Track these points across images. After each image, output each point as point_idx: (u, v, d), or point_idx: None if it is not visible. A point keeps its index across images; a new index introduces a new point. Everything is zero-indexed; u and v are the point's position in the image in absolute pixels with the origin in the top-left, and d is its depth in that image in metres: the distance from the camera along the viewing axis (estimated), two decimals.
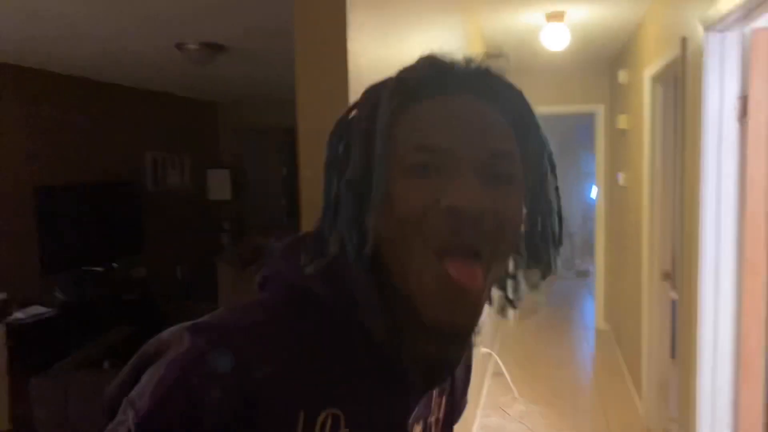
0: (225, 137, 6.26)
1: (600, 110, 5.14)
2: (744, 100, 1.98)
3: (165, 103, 5.42)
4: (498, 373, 3.97)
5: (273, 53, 3.34)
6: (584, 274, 7.63)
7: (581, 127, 7.06)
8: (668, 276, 3.07)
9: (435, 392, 0.61)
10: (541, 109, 5.45)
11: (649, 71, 3.17)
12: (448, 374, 0.60)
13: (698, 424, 2.14)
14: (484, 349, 3.68)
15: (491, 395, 3.76)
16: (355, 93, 1.15)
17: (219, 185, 5.96)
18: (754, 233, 1.93)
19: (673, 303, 2.93)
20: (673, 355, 3.02)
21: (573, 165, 8.61)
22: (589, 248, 6.49)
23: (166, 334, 0.55)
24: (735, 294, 2.06)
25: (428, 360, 0.53)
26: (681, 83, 2.45)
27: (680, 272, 2.50)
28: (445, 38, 2.52)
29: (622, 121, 4.15)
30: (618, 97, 4.57)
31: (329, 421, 0.50)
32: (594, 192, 5.74)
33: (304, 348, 0.51)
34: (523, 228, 0.55)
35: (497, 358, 3.96)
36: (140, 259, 4.72)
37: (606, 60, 4.82)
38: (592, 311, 5.67)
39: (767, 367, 1.53)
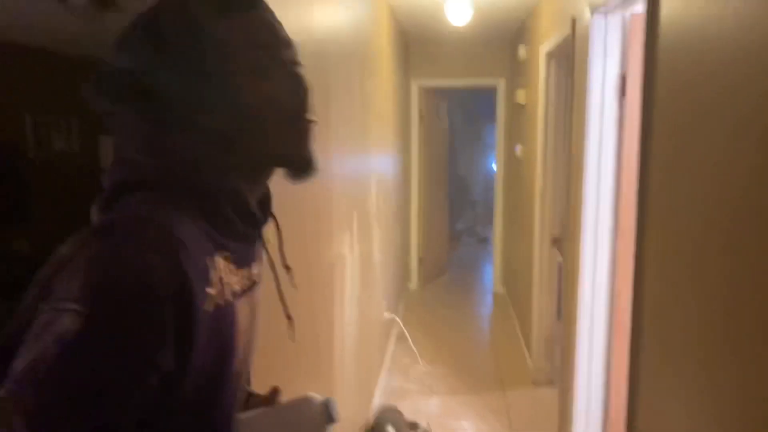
0: None
1: (501, 84, 5.35)
2: (623, 79, 2.15)
3: (47, 62, 4.95)
4: (401, 338, 4.12)
5: None
6: (485, 241, 8.03)
7: (485, 100, 7.31)
8: (556, 242, 3.32)
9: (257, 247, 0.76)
10: (447, 81, 5.60)
11: (544, 48, 3.34)
12: (269, 209, 0.77)
13: (577, 373, 2.36)
14: (387, 314, 3.79)
15: (395, 359, 3.91)
16: None
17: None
18: (627, 202, 2.13)
19: (560, 267, 3.18)
20: (559, 316, 3.29)
21: (477, 136, 8.94)
22: (490, 216, 6.82)
23: (64, 249, 0.59)
24: (610, 257, 2.27)
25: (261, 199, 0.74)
26: (571, 61, 2.61)
27: (566, 238, 2.71)
28: (352, 9, 2.50)
29: (520, 96, 4.35)
30: (517, 72, 4.77)
31: (225, 260, 0.65)
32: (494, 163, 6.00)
33: (192, 216, 0.62)
34: None
35: (400, 323, 4.10)
36: (22, 231, 4.34)
37: (507, 35, 5.00)
38: (491, 275, 6.01)
39: (632, 320, 1.72)
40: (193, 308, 0.57)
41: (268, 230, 0.77)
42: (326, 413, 0.80)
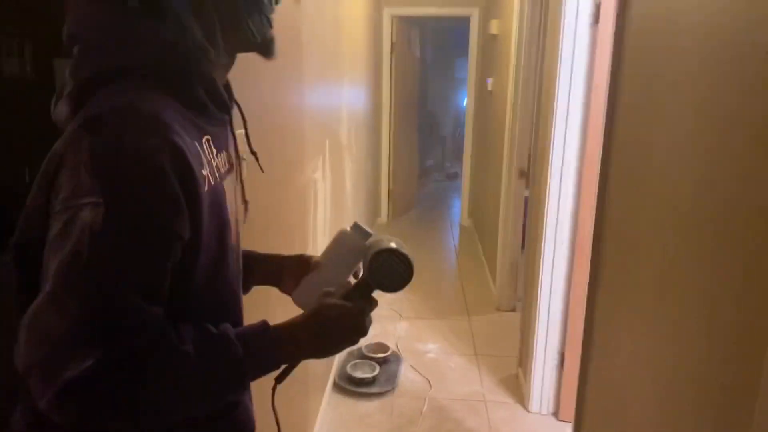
0: None
1: (474, 14, 5.24)
2: (598, 7, 2.14)
3: None
4: None
5: None
6: (454, 177, 8.11)
7: (457, 33, 7.17)
8: (523, 174, 3.38)
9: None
10: (420, 10, 5.44)
11: None
12: (232, 95, 0.82)
13: (539, 299, 2.48)
14: None
15: None
16: None
17: None
18: (594, 130, 2.17)
19: (526, 199, 3.26)
20: (523, 246, 3.41)
21: (448, 71, 8.81)
22: (459, 152, 6.86)
23: (57, 146, 0.61)
24: (575, 186, 2.34)
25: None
26: None
27: (533, 170, 2.77)
28: None
29: (494, 26, 4.28)
30: (491, 2, 4.67)
31: (207, 143, 0.69)
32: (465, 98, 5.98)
33: (177, 103, 0.64)
34: None
35: None
36: None
37: None
38: (458, 210, 6.12)
39: (593, 248, 1.80)
40: (197, 184, 0.61)
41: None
42: (360, 231, 0.89)
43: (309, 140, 2.14)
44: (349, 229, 0.91)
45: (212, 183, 0.66)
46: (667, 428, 1.20)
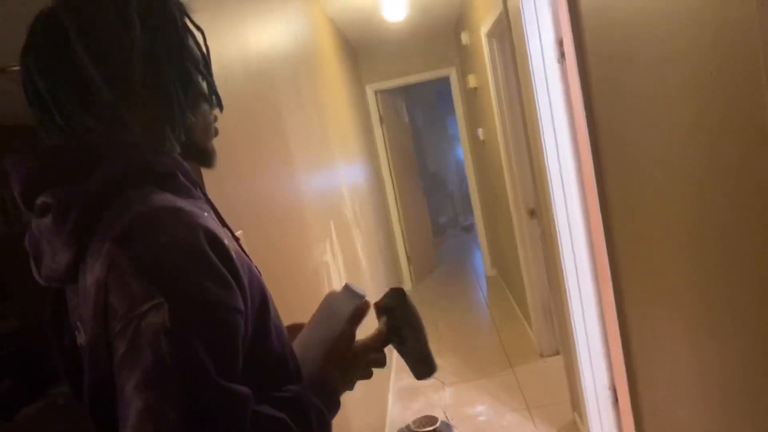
0: None
1: (452, 72, 5.42)
2: (560, 43, 2.21)
3: None
4: None
5: None
6: (469, 229, 8.09)
7: (442, 92, 7.40)
8: (533, 213, 3.37)
9: None
10: (400, 80, 5.63)
11: (484, 30, 3.41)
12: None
13: (575, 335, 2.40)
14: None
15: (400, 359, 3.92)
16: None
17: None
18: (585, 155, 2.18)
19: (542, 237, 3.23)
20: (550, 284, 3.34)
21: (441, 129, 9.01)
22: (469, 204, 6.88)
23: (99, 274, 0.59)
24: (582, 214, 2.32)
25: None
26: (509, 36, 2.67)
27: (540, 208, 2.76)
28: (292, 26, 2.53)
29: (472, 80, 4.42)
30: (465, 58, 4.84)
31: (212, 219, 0.69)
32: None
33: (170, 194, 0.66)
34: None
35: None
36: (8, 310, 4.28)
37: (450, 24, 5.08)
38: (480, 260, 6.06)
39: (611, 271, 1.76)
40: (233, 258, 0.63)
41: None
42: (349, 292, 0.89)
43: (312, 225, 2.17)
44: (337, 291, 0.91)
45: (236, 256, 0.67)
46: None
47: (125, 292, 0.56)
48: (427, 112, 8.80)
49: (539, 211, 2.86)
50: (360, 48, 5.35)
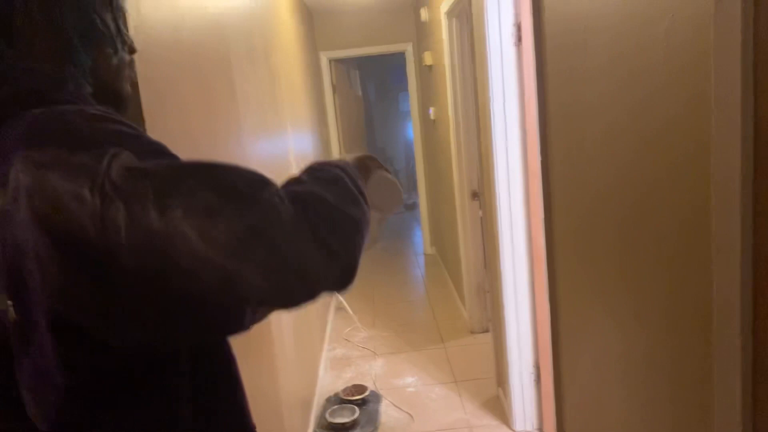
0: None
1: (409, 48, 5.39)
2: (518, 27, 2.24)
3: None
4: (340, 308, 4.16)
5: None
6: (412, 207, 8.17)
7: (397, 68, 7.35)
8: (476, 195, 3.44)
9: None
10: (355, 51, 5.56)
11: (444, 8, 3.39)
12: None
13: (506, 315, 2.49)
14: None
15: (335, 329, 3.95)
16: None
17: None
18: (532, 144, 2.24)
19: (482, 219, 3.30)
20: (486, 266, 3.43)
21: (393, 105, 8.99)
22: (414, 182, 6.94)
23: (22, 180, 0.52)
24: (524, 201, 2.38)
25: None
26: (469, 16, 2.67)
27: (483, 191, 2.82)
28: None
29: (428, 58, 4.41)
30: (423, 35, 4.82)
31: None
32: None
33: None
34: None
35: (338, 294, 4.13)
36: None
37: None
38: (420, 238, 6.15)
39: (547, 258, 1.83)
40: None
41: None
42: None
43: None
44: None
45: None
46: (643, 419, 1.20)
47: (70, 171, 0.50)
48: (380, 87, 8.74)
49: (482, 194, 2.91)
50: (316, 13, 5.21)
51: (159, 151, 0.57)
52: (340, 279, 0.62)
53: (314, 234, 0.57)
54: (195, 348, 0.65)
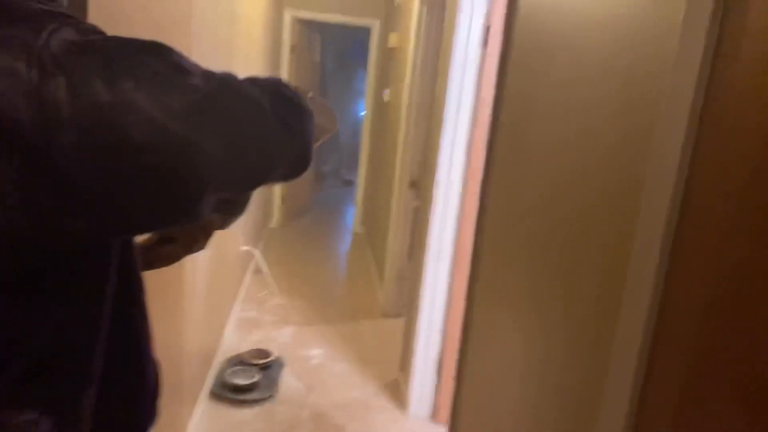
0: None
1: (375, 25, 5.33)
2: (487, 30, 2.27)
3: None
4: (258, 271, 4.11)
5: None
6: (349, 183, 8.16)
7: (358, 45, 7.25)
8: (414, 185, 3.48)
9: None
10: (322, 15, 5.42)
11: None
12: None
13: (421, 306, 2.55)
14: (244, 247, 3.74)
15: (250, 291, 3.90)
16: None
17: None
18: (477, 144, 2.29)
19: (415, 209, 3.35)
20: (410, 255, 3.49)
21: (349, 81, 8.89)
22: (355, 160, 6.92)
23: None
24: (459, 199, 2.44)
25: None
26: (442, 8, 2.68)
27: (422, 181, 2.85)
28: None
29: (393, 39, 4.38)
30: (392, 15, 4.78)
31: None
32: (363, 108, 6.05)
33: None
34: None
35: (259, 256, 4.08)
36: None
37: None
38: (352, 216, 6.16)
39: (473, 253, 1.89)
40: None
41: None
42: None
43: None
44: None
45: None
46: (533, 416, 1.28)
47: (2, 43, 0.45)
48: (339, 59, 8.60)
49: (420, 184, 2.95)
50: None
51: (101, 32, 0.53)
52: (296, 162, 0.61)
53: (274, 109, 0.55)
54: (121, 258, 0.61)
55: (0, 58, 0.44)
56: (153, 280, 0.91)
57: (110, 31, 0.70)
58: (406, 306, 3.11)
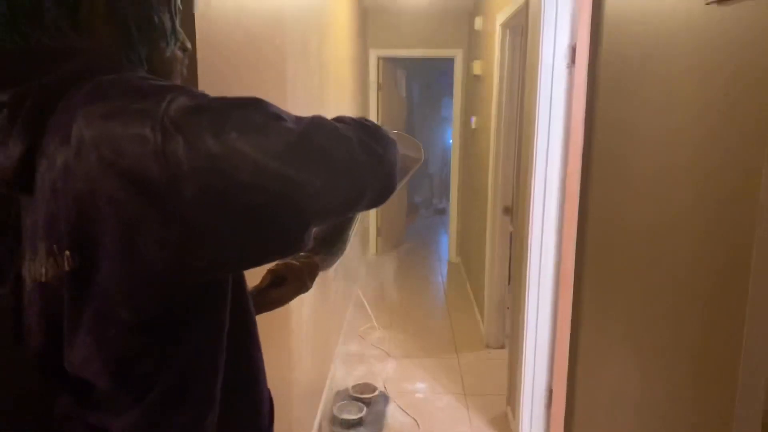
0: None
1: (458, 55, 5.38)
2: (573, 49, 2.21)
3: None
4: (359, 304, 4.19)
5: None
6: (442, 212, 8.16)
7: (443, 73, 7.33)
8: (508, 211, 3.41)
9: None
10: (405, 52, 5.57)
11: (500, 19, 3.38)
12: None
13: (525, 336, 2.47)
14: (344, 282, 3.83)
15: (351, 325, 3.97)
16: None
17: None
18: (574, 169, 2.21)
19: (511, 235, 3.28)
20: (509, 282, 3.41)
21: (435, 110, 8.98)
22: (446, 188, 6.92)
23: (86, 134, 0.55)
24: (557, 223, 2.36)
25: None
26: (524, 31, 2.65)
27: (516, 207, 2.80)
28: None
29: (477, 67, 4.39)
30: (474, 44, 4.80)
31: None
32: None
33: None
34: None
35: (358, 290, 4.16)
36: None
37: (465, 6, 5.02)
38: (446, 246, 6.13)
39: (574, 284, 1.81)
40: None
41: None
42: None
43: None
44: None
45: None
46: None
47: (132, 117, 0.53)
48: (424, 90, 8.73)
49: (515, 210, 2.89)
50: (371, 10, 5.24)
51: (209, 96, 0.61)
52: (381, 189, 0.66)
53: (359, 138, 0.63)
54: (233, 293, 0.67)
55: (134, 127, 0.53)
56: (263, 316, 0.97)
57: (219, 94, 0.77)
58: (510, 336, 3.03)
